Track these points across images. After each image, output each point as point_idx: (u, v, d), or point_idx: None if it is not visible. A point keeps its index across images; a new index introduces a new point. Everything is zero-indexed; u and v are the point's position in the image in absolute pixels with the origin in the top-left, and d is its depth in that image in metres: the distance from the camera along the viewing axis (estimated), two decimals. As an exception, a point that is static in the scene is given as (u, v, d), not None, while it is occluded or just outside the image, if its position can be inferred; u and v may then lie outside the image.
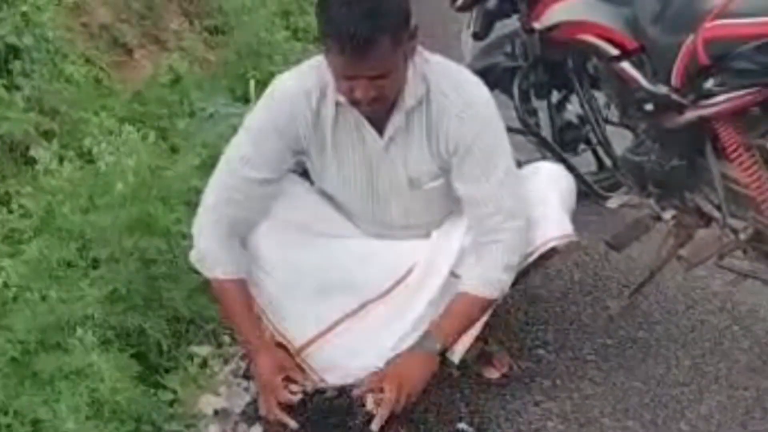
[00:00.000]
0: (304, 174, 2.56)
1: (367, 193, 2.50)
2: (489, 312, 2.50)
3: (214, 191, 2.45)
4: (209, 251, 2.45)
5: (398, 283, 2.53)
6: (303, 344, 2.51)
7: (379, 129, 2.39)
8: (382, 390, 2.35)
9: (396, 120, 2.36)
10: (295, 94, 2.37)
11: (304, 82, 2.38)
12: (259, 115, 2.44)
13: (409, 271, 2.53)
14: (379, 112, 2.34)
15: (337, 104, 2.35)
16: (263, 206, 2.46)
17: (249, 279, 2.49)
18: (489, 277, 2.43)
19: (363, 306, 2.52)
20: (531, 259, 2.49)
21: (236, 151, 2.43)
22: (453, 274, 2.51)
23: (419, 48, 2.33)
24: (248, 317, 2.48)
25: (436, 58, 2.41)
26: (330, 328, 2.51)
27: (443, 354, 2.43)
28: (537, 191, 2.51)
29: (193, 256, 2.50)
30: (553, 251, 2.52)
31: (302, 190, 2.54)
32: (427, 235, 2.57)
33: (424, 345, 2.42)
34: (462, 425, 2.54)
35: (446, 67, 2.41)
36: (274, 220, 2.47)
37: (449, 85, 2.37)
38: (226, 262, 2.44)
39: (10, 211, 2.86)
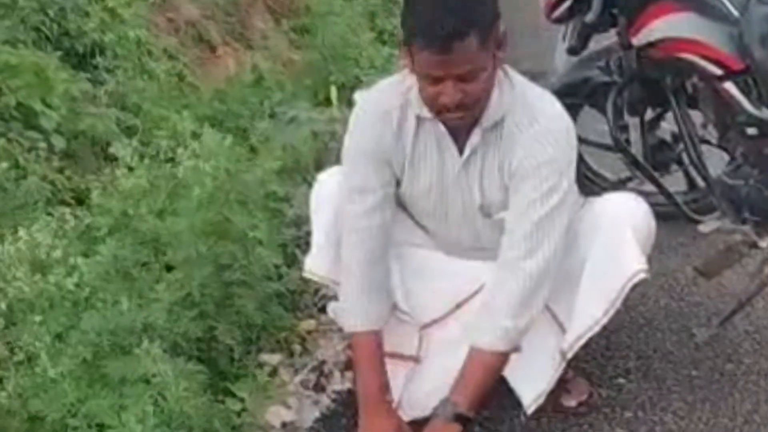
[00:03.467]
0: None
1: (439, 214, 2.44)
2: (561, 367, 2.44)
3: (343, 238, 2.41)
4: (349, 301, 2.41)
5: (458, 307, 2.50)
6: None
7: (460, 148, 2.32)
8: None
9: (474, 138, 2.29)
10: (376, 115, 2.34)
11: (384, 101, 2.34)
12: (349, 144, 2.40)
13: (469, 297, 2.49)
14: (463, 123, 2.26)
15: (419, 119, 2.30)
16: (389, 233, 2.42)
17: None
18: (493, 327, 2.28)
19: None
20: (615, 309, 2.37)
21: (348, 187, 2.39)
22: None
23: (507, 68, 2.25)
24: (373, 372, 2.38)
25: (520, 81, 2.31)
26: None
27: (467, 417, 2.30)
28: (609, 229, 2.38)
29: (332, 309, 2.48)
30: None
31: None
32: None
33: (441, 413, 2.29)
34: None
35: (528, 92, 2.30)
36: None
37: (527, 112, 2.27)
38: (362, 312, 2.38)
39: (88, 208, 2.85)
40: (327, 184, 2.51)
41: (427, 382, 2.46)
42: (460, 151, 2.32)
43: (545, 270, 2.28)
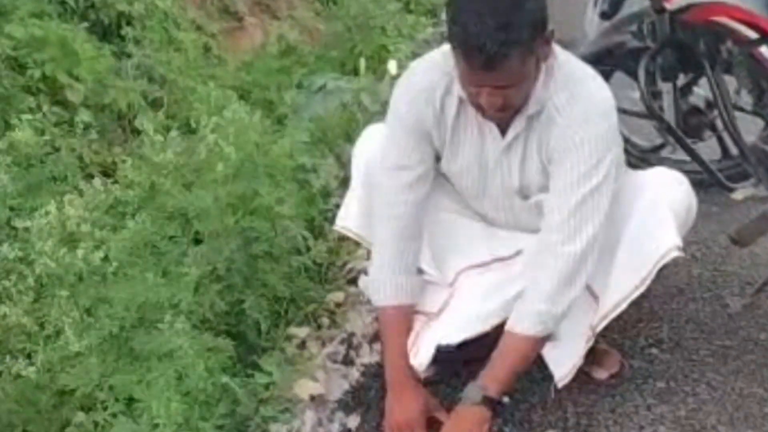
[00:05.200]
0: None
1: (477, 193, 2.41)
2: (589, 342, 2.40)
3: (377, 213, 2.40)
4: (379, 275, 2.40)
5: (484, 264, 2.46)
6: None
7: (502, 130, 2.27)
8: None
9: (518, 125, 2.24)
10: (419, 91, 2.29)
11: (427, 77, 2.28)
12: (391, 118, 2.36)
13: (500, 259, 2.46)
14: (503, 119, 2.23)
15: (461, 99, 2.24)
16: (423, 211, 2.40)
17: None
18: (528, 312, 2.26)
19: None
20: (646, 286, 2.33)
21: (385, 162, 2.36)
22: None
23: (555, 49, 2.18)
24: (400, 348, 2.39)
25: (564, 59, 2.23)
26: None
27: (496, 401, 2.29)
28: (647, 207, 2.34)
29: (362, 282, 2.50)
30: None
31: None
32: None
33: (468, 396, 2.29)
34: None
35: (570, 69, 2.23)
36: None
37: (568, 91, 2.20)
38: (392, 288, 2.38)
39: (115, 181, 2.85)
40: (371, 141, 2.47)
41: (428, 337, 2.43)
42: (502, 133, 2.27)
43: (585, 255, 2.23)
